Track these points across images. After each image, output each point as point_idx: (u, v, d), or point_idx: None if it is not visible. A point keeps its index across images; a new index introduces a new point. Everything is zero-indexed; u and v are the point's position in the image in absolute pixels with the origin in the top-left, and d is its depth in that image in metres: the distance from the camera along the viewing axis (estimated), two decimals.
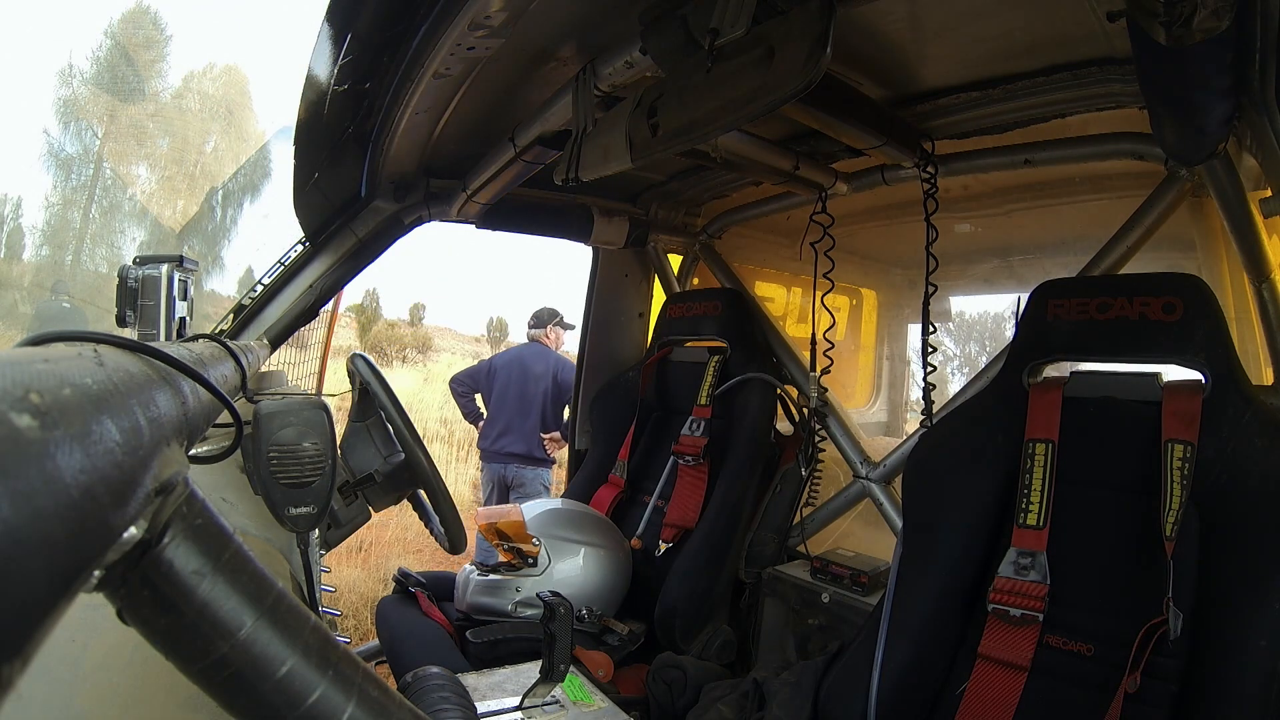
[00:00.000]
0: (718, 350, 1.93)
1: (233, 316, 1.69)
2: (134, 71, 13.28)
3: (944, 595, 1.18)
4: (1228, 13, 0.67)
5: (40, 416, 0.18)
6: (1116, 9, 0.97)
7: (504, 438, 3.47)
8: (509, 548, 1.63)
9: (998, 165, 1.47)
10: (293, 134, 1.28)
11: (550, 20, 1.10)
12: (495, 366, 3.60)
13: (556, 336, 3.66)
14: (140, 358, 0.31)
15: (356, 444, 1.28)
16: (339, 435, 0.86)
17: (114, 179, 13.15)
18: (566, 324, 3.67)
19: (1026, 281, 2.10)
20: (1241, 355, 1.04)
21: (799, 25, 0.86)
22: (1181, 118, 0.93)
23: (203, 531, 0.30)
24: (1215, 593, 0.93)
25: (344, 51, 1.05)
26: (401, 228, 1.78)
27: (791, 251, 1.91)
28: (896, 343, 2.88)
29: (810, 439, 1.81)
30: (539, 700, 1.04)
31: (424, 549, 4.71)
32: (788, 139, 1.57)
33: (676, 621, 1.65)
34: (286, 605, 0.32)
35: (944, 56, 1.25)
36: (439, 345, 16.89)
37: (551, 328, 3.64)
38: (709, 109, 0.97)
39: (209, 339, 0.76)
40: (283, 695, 0.31)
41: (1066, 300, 1.17)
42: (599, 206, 2.07)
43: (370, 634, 2.49)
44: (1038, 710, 1.04)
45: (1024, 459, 1.15)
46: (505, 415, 3.49)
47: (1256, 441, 0.96)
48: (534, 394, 3.46)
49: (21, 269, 13.16)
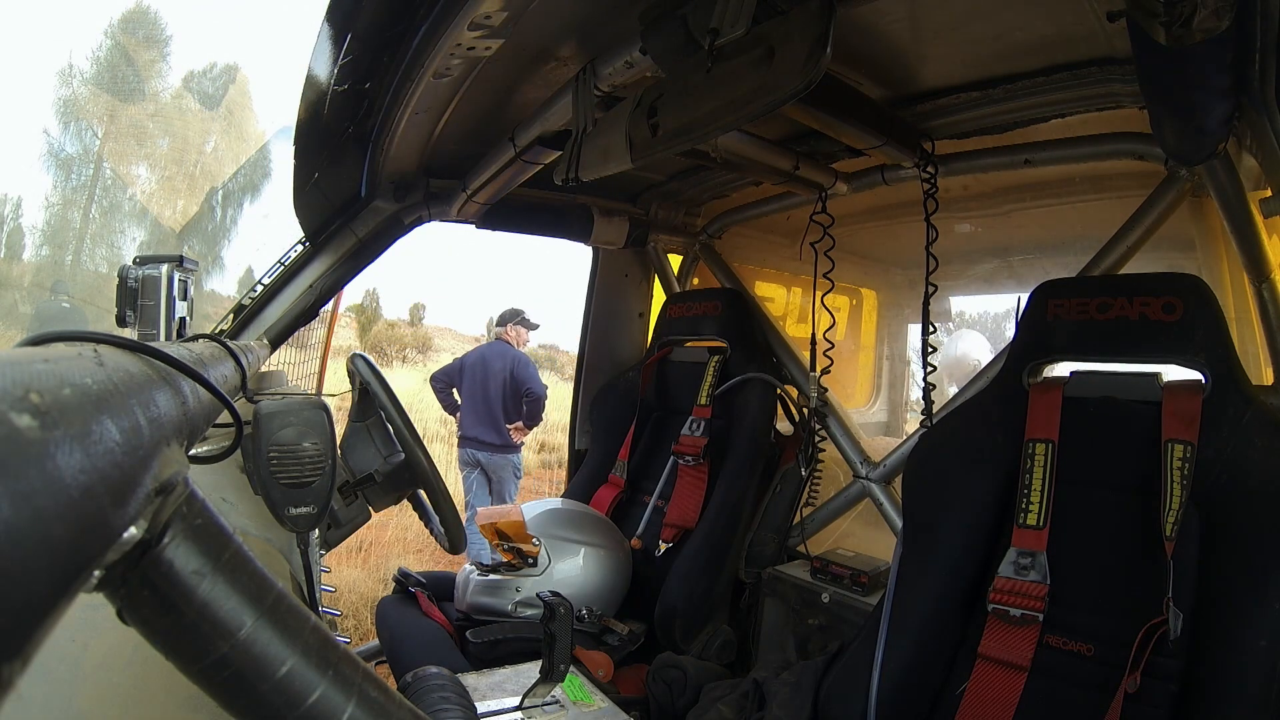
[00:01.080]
0: (718, 350, 1.93)
1: (233, 316, 1.69)
2: (134, 71, 13.27)
3: (944, 595, 1.18)
4: (1228, 13, 0.67)
5: (40, 416, 0.18)
6: (1116, 9, 0.97)
7: (475, 428, 3.92)
8: (509, 548, 1.63)
9: (998, 165, 1.47)
10: (293, 134, 1.28)
11: (550, 20, 1.10)
12: (465, 364, 4.02)
13: (518, 334, 4.09)
14: (140, 358, 0.31)
15: (356, 444, 1.28)
16: (339, 435, 0.86)
17: (114, 179, 13.14)
18: (529, 323, 4.13)
19: (1026, 281, 2.10)
20: (1241, 355, 1.04)
21: (799, 25, 0.86)
22: (1181, 118, 0.93)
23: (203, 531, 0.30)
24: (1215, 593, 0.93)
25: (344, 51, 1.05)
26: (401, 228, 1.78)
27: (791, 251, 1.91)
28: (896, 343, 2.88)
29: (810, 439, 1.81)
30: (539, 700, 1.04)
31: (424, 549, 4.71)
32: (788, 139, 1.57)
33: (676, 621, 1.65)
34: (286, 605, 0.32)
35: (944, 56, 1.25)
36: (439, 345, 16.89)
37: (512, 326, 4.06)
38: (709, 109, 0.97)
39: (209, 339, 0.76)
40: (283, 695, 0.31)
41: (1066, 300, 1.17)
42: (599, 206, 2.07)
43: (370, 634, 2.49)
44: (1038, 710, 1.04)
45: (1024, 459, 1.15)
46: (474, 408, 3.93)
47: (1256, 441, 0.96)
48: (495, 388, 3.90)
49: (21, 269, 13.15)
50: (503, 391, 3.91)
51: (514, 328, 4.09)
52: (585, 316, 2.36)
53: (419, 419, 7.61)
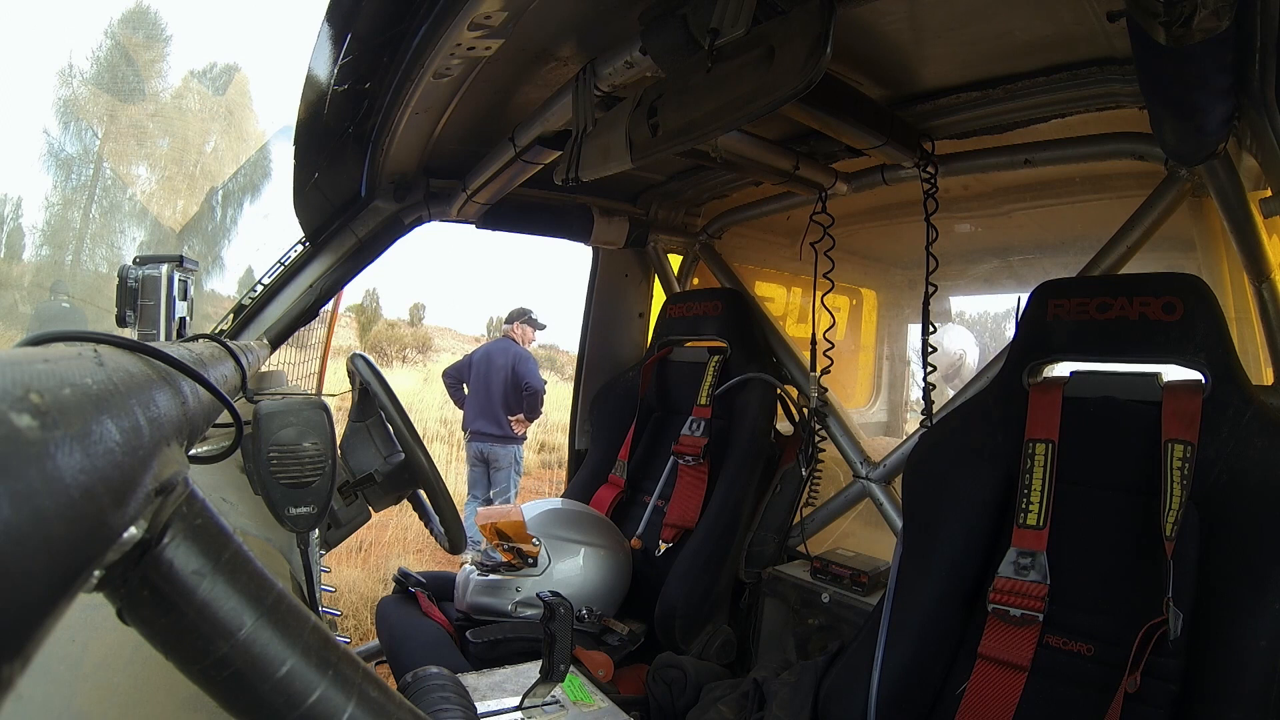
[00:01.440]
0: (718, 350, 1.93)
1: (233, 316, 1.69)
2: (134, 71, 13.28)
3: (944, 595, 1.18)
4: (1228, 13, 0.67)
5: (40, 416, 0.18)
6: (1116, 9, 0.97)
7: (478, 420, 4.17)
8: (509, 548, 1.63)
9: (998, 165, 1.47)
10: (293, 134, 1.28)
11: (550, 20, 1.10)
12: (472, 360, 4.26)
13: (524, 332, 4.29)
14: (140, 358, 0.31)
15: (356, 444, 1.28)
16: (339, 435, 0.86)
17: (114, 179, 13.14)
18: (536, 323, 4.32)
19: (1026, 281, 2.10)
20: (1241, 355, 1.04)
21: (799, 25, 0.86)
22: (1181, 118, 0.93)
23: (203, 531, 0.30)
24: (1215, 593, 0.93)
25: (344, 51, 1.05)
26: (401, 228, 1.78)
27: (791, 251, 1.91)
28: (896, 343, 2.88)
29: (810, 439, 1.81)
30: (539, 700, 1.04)
31: (424, 549, 4.71)
32: (788, 139, 1.57)
33: (676, 621, 1.65)
34: (286, 605, 0.32)
35: (944, 56, 1.25)
36: (439, 345, 16.89)
37: (519, 324, 4.28)
38: (709, 109, 0.97)
39: (209, 339, 0.76)
40: (283, 695, 0.31)
41: (1066, 300, 1.17)
42: (599, 206, 2.07)
43: (370, 634, 2.49)
44: (1038, 710, 1.04)
45: (1024, 459, 1.15)
46: (478, 402, 4.17)
47: (1256, 441, 0.96)
48: (497, 383, 4.12)
49: (21, 269, 13.16)
50: (504, 386, 4.11)
51: (520, 326, 4.27)
52: (585, 316, 2.36)
53: (419, 419, 7.62)
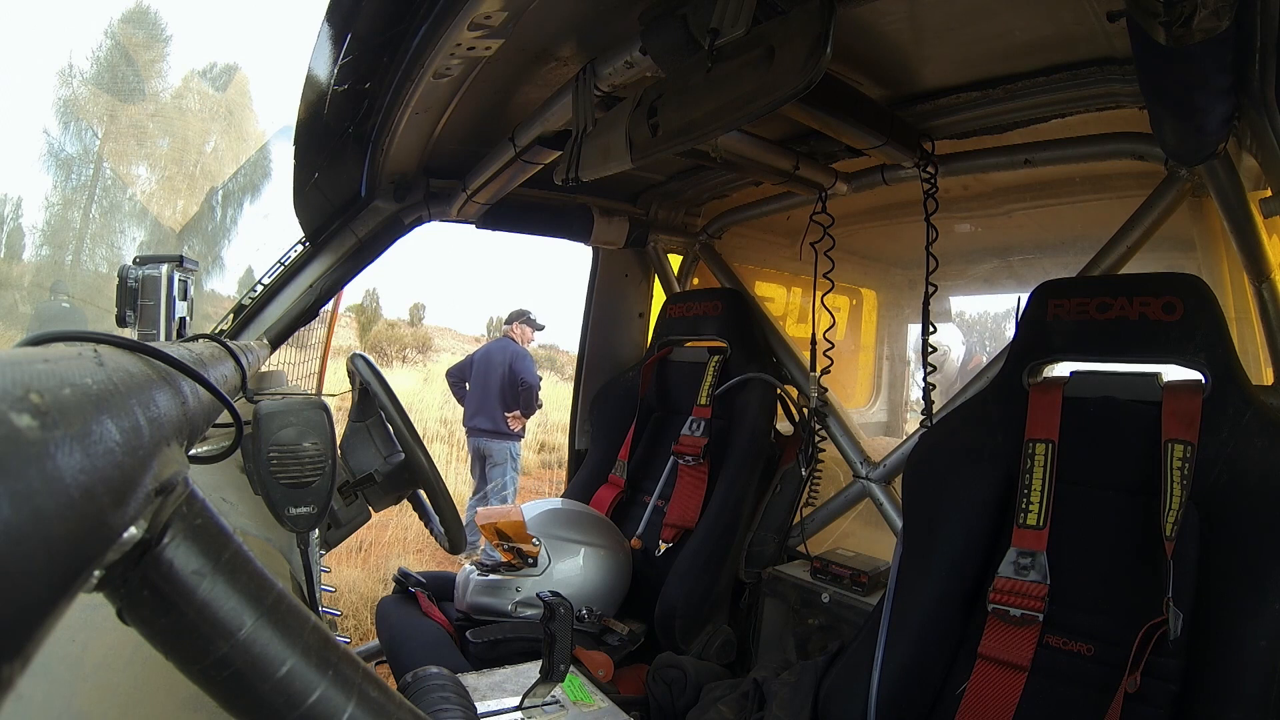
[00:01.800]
0: (718, 350, 1.93)
1: (233, 316, 1.69)
2: (134, 71, 13.27)
3: (944, 595, 1.18)
4: (1228, 13, 0.67)
5: (40, 416, 0.18)
6: (1116, 9, 0.97)
7: (476, 417, 4.34)
8: (509, 548, 1.63)
9: (998, 165, 1.47)
10: (293, 134, 1.28)
11: (550, 20, 1.10)
12: (474, 360, 4.43)
13: (523, 332, 4.46)
14: (140, 358, 0.31)
15: (356, 444, 1.28)
16: (339, 435, 0.86)
17: (114, 179, 13.14)
18: (535, 323, 4.48)
19: (1026, 281, 2.10)
20: (1241, 355, 1.04)
21: (799, 25, 0.86)
22: (1181, 118, 0.93)
23: (203, 531, 0.30)
24: (1215, 592, 0.93)
25: (344, 51, 1.05)
26: (401, 228, 1.78)
27: (791, 251, 1.91)
28: (896, 343, 2.88)
29: (810, 439, 1.81)
30: (539, 700, 1.04)
31: (424, 549, 4.71)
32: (788, 139, 1.57)
33: (676, 621, 1.65)
34: (286, 605, 0.32)
35: (944, 56, 1.25)
36: (439, 345, 16.89)
37: (518, 325, 4.44)
38: (709, 109, 0.97)
39: (209, 339, 0.76)
40: (283, 695, 0.31)
41: (1066, 300, 1.17)
42: (599, 206, 2.07)
43: (370, 634, 2.49)
44: (1038, 710, 1.04)
45: (1024, 459, 1.15)
46: (476, 399, 4.34)
47: (1256, 441, 0.96)
48: (494, 381, 4.28)
49: (21, 269, 13.16)
50: (501, 383, 4.26)
51: (520, 326, 4.43)
52: (585, 316, 2.36)
53: (419, 419, 7.61)
